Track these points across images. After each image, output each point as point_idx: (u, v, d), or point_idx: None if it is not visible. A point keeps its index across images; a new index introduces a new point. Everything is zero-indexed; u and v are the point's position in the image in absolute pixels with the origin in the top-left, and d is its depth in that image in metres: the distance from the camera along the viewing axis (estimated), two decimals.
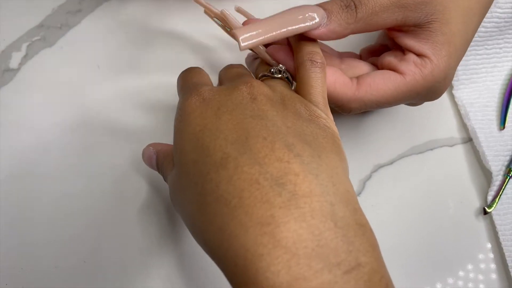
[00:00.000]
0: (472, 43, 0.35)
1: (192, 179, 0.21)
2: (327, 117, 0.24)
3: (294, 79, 0.27)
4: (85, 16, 0.36)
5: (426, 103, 0.36)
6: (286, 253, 0.18)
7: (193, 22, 0.36)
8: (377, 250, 0.20)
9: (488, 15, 0.34)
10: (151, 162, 0.28)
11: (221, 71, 0.29)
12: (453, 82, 0.36)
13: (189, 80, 0.27)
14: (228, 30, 0.29)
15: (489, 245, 0.34)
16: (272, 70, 0.27)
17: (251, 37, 0.24)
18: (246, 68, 0.28)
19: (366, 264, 0.19)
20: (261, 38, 0.24)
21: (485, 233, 0.34)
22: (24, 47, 0.35)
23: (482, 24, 0.34)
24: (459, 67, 0.35)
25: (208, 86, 0.25)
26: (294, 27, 0.24)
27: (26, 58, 0.35)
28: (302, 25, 0.24)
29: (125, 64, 0.35)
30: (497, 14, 0.34)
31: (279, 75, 0.26)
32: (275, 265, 0.18)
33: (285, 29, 0.24)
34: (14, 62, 0.35)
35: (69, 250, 0.31)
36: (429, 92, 0.27)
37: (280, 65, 0.26)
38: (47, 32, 0.35)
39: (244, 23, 0.27)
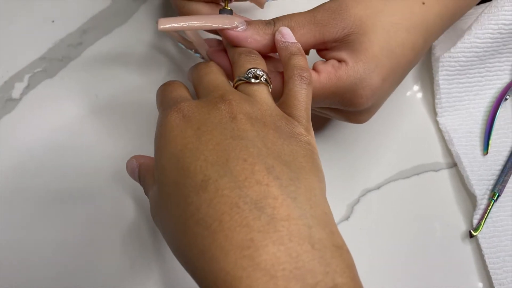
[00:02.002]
0: (454, 72, 0.37)
1: (173, 200, 0.22)
2: (307, 133, 0.24)
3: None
4: (85, 49, 0.38)
5: (412, 129, 0.38)
6: (265, 275, 0.19)
7: (188, 51, 0.38)
8: (354, 270, 0.21)
9: (467, 45, 0.35)
10: (134, 175, 0.29)
11: (192, 73, 0.28)
12: (437, 109, 0.37)
13: (168, 95, 0.26)
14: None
15: (475, 268, 0.34)
16: (249, 74, 0.26)
17: (169, 23, 0.27)
18: (219, 71, 0.28)
19: (343, 285, 0.19)
20: (179, 24, 0.27)
21: (471, 256, 0.35)
22: (26, 78, 0.37)
23: (463, 54, 0.36)
24: (442, 95, 0.37)
25: (188, 101, 0.25)
26: (211, 23, 0.27)
27: (28, 88, 0.36)
28: (219, 24, 0.27)
29: (122, 93, 0.37)
30: (476, 44, 0.35)
31: (257, 81, 0.26)
32: (254, 287, 0.18)
33: (202, 23, 0.27)
34: (16, 92, 0.36)
35: (63, 275, 0.32)
36: (346, 93, 0.28)
37: (257, 69, 0.26)
38: (49, 64, 0.37)
39: None
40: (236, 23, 0.28)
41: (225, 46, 0.30)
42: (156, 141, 0.24)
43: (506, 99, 0.37)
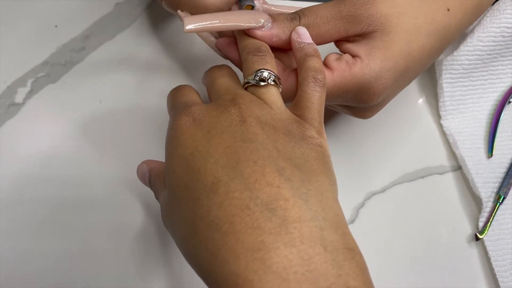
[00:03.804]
0: (457, 75, 0.37)
1: (183, 203, 0.22)
2: (319, 136, 0.24)
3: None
4: (88, 54, 0.38)
5: (416, 132, 0.38)
6: (276, 278, 0.18)
7: (191, 56, 0.38)
8: (367, 273, 0.21)
9: (470, 48, 0.35)
10: (145, 180, 0.29)
11: (206, 77, 0.28)
12: (441, 113, 0.37)
13: (178, 99, 0.27)
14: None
15: (482, 271, 0.34)
16: (256, 77, 0.25)
17: (196, 22, 0.26)
18: (231, 74, 0.28)
19: None
20: (205, 25, 0.26)
21: (477, 259, 0.35)
22: (29, 82, 0.37)
23: (466, 57, 0.36)
24: (446, 98, 0.37)
25: (198, 104, 0.25)
26: (237, 23, 0.27)
27: (31, 93, 0.36)
28: (246, 23, 0.27)
29: (126, 98, 0.37)
30: (479, 47, 0.35)
31: (264, 83, 0.25)
32: None
33: (228, 23, 0.27)
34: (19, 97, 0.36)
35: (68, 281, 0.32)
36: (360, 91, 0.28)
37: (264, 71, 0.25)
38: (52, 69, 0.37)
39: None
40: (262, 21, 0.27)
41: (236, 37, 0.29)
42: (166, 145, 0.24)
43: (509, 102, 0.37)
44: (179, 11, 0.31)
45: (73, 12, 0.39)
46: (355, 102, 0.29)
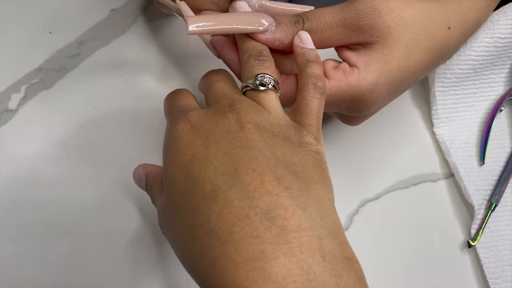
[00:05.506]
0: (449, 84, 0.37)
1: (182, 210, 0.22)
2: (317, 142, 0.24)
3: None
4: (83, 60, 0.38)
5: (409, 140, 0.38)
6: None
7: (186, 61, 0.38)
8: (364, 282, 0.21)
9: (463, 58, 0.36)
10: (141, 184, 0.28)
11: (203, 82, 0.28)
12: (434, 120, 0.38)
13: (175, 104, 0.26)
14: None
15: (474, 278, 0.35)
16: (256, 82, 0.25)
17: (199, 22, 0.26)
18: (229, 79, 0.27)
19: None
20: (209, 28, 0.26)
21: (470, 266, 0.35)
22: (23, 89, 0.36)
23: (458, 66, 0.36)
24: (438, 106, 0.37)
25: (196, 109, 0.25)
26: (241, 26, 0.27)
27: (24, 99, 0.36)
28: (250, 27, 0.27)
29: (120, 104, 0.37)
30: (472, 57, 0.36)
31: (264, 88, 0.25)
32: None
33: (233, 26, 0.27)
34: (12, 103, 0.36)
35: (64, 284, 0.31)
36: (354, 101, 0.28)
37: (265, 76, 0.25)
38: (46, 75, 0.37)
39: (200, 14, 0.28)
40: (266, 24, 0.27)
41: (236, 38, 0.29)
42: (164, 150, 0.24)
43: (501, 110, 0.38)
44: (177, 0, 0.30)
45: (67, 18, 0.39)
46: (347, 111, 0.30)
